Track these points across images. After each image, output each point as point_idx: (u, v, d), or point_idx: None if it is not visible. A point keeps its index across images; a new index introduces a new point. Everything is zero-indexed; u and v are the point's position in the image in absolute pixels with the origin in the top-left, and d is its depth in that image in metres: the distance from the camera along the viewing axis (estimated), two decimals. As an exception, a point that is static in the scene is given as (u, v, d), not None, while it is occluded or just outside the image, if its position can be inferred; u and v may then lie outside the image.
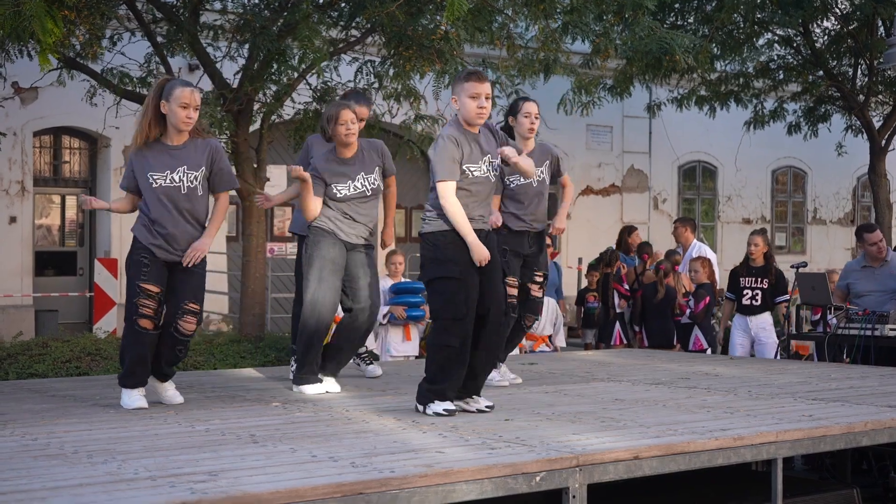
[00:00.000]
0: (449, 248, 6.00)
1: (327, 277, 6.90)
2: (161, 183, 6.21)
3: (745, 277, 11.13)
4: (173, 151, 6.25)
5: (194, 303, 6.29)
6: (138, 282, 6.21)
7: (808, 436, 5.68)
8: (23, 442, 5.06)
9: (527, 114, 7.36)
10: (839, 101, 18.57)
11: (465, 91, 6.07)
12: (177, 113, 6.19)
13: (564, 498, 4.79)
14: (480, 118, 6.10)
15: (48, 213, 17.62)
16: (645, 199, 22.33)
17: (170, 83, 6.31)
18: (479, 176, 6.11)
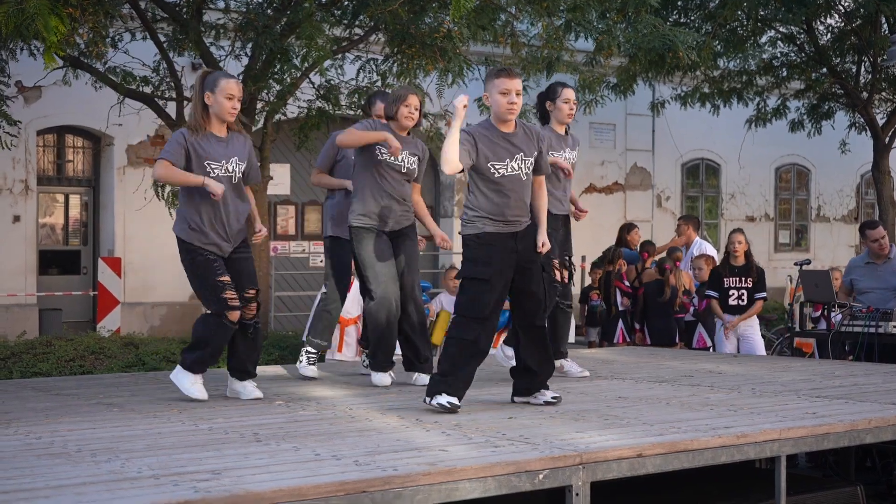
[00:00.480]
0: (483, 250, 6.06)
1: (381, 271, 7.03)
2: (219, 173, 6.29)
3: (729, 277, 11.00)
4: (224, 142, 6.35)
5: (252, 288, 6.46)
6: (217, 277, 6.29)
7: (812, 433, 5.68)
8: (26, 441, 5.07)
9: (566, 99, 7.41)
10: (843, 99, 18.56)
11: (495, 87, 6.11)
12: (223, 104, 6.28)
13: (568, 496, 4.79)
14: (511, 113, 6.12)
15: (52, 211, 17.63)
16: (648, 197, 22.32)
17: (212, 75, 6.40)
18: (507, 174, 6.11)
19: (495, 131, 6.15)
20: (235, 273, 6.39)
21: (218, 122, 6.36)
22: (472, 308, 6.06)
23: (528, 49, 13.28)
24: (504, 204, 6.10)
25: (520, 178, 6.16)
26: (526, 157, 6.19)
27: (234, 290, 6.32)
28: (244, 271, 6.44)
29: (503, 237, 6.10)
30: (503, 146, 6.13)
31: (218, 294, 6.29)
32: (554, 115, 7.41)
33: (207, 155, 6.28)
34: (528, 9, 12.17)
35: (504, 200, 6.11)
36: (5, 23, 8.41)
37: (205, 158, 6.27)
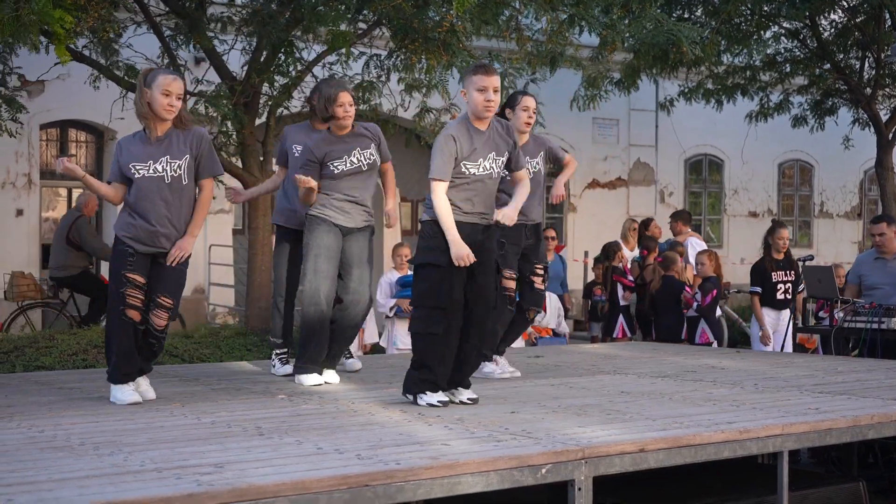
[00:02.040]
0: (441, 238, 6.02)
1: (323, 266, 6.90)
2: (144, 173, 6.14)
3: (776, 271, 11.14)
4: (160, 141, 6.19)
5: (167, 297, 6.19)
6: (124, 271, 6.14)
7: (815, 429, 5.68)
8: (29, 434, 5.07)
9: (525, 107, 7.37)
10: (846, 94, 18.52)
11: (473, 84, 6.10)
12: (158, 100, 6.10)
13: (570, 490, 4.79)
14: (488, 111, 6.12)
15: (55, 206, 17.64)
16: (651, 193, 22.31)
17: (152, 71, 6.25)
18: (479, 174, 6.13)
19: (472, 129, 6.14)
20: (156, 276, 6.20)
21: (157, 120, 6.17)
22: (430, 297, 6.02)
23: (532, 43, 13.27)
24: (474, 200, 6.13)
25: (491, 176, 6.19)
26: (497, 156, 6.21)
27: (139, 290, 6.12)
28: (167, 278, 6.20)
29: (465, 226, 6.06)
30: (478, 146, 6.13)
31: (118, 288, 6.13)
32: (513, 123, 7.38)
33: (132, 157, 6.15)
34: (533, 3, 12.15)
35: (473, 196, 6.13)
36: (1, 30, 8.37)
37: (128, 161, 6.16)
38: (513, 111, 7.38)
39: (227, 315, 17.27)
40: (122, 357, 6.16)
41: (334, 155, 6.95)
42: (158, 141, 6.20)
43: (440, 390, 6.05)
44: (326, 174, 6.95)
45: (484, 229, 6.19)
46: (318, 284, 6.88)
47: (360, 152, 7.02)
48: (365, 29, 12.63)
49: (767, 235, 11.50)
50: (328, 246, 6.91)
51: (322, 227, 6.92)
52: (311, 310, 6.89)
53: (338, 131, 7.02)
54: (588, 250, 16.76)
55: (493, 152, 6.19)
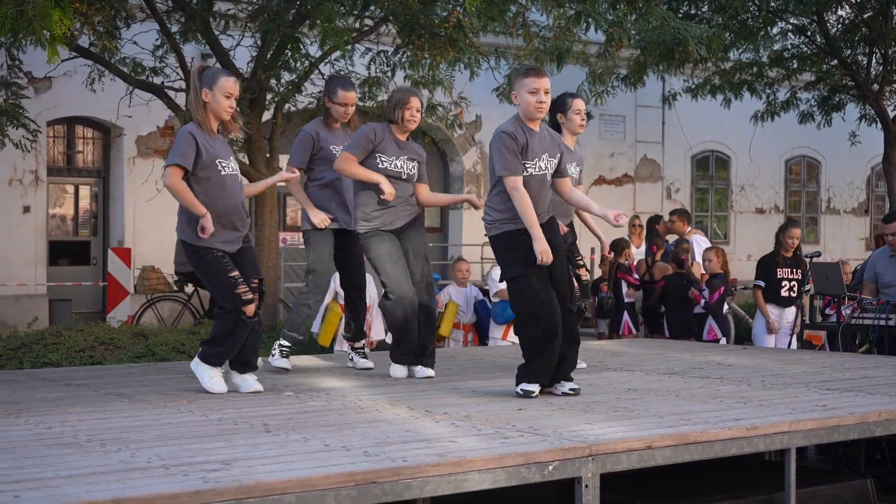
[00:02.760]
0: (514, 248, 6.18)
1: (392, 269, 7.06)
2: (228, 171, 6.27)
3: (782, 268, 11.15)
4: (223, 140, 6.35)
5: (257, 278, 6.44)
6: (229, 273, 6.24)
7: (822, 426, 5.66)
8: (37, 430, 5.08)
9: (577, 110, 7.46)
10: (853, 91, 18.49)
11: (524, 87, 6.18)
12: (221, 102, 6.20)
13: (577, 487, 4.78)
14: (539, 112, 6.21)
15: (62, 202, 17.67)
16: (658, 189, 22.29)
17: (210, 71, 6.32)
18: (535, 174, 6.22)
19: (526, 130, 6.22)
20: (240, 264, 6.35)
21: (215, 121, 6.29)
22: (521, 306, 6.25)
23: (539, 40, 13.26)
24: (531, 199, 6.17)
25: (546, 177, 6.29)
26: (550, 157, 6.30)
27: (245, 284, 6.28)
28: (248, 261, 6.42)
29: (526, 231, 6.15)
30: (533, 145, 6.21)
31: (231, 290, 6.25)
32: (566, 127, 7.41)
33: (217, 153, 6.22)
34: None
35: (532, 197, 6.18)
36: (2, 26, 8.38)
37: (215, 157, 6.21)
38: (565, 115, 7.41)
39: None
40: (231, 350, 6.35)
41: (387, 150, 7.04)
42: (223, 139, 6.36)
43: (537, 383, 6.26)
44: (370, 164, 7.02)
45: (548, 228, 6.25)
46: (398, 287, 7.04)
47: (406, 161, 7.12)
48: (371, 25, 12.63)
49: (779, 232, 11.49)
50: (388, 250, 7.07)
51: (374, 237, 7.08)
52: (398, 313, 7.06)
53: (399, 134, 7.11)
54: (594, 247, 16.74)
55: (547, 153, 6.28)
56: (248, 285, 6.30)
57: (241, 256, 6.38)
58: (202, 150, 6.16)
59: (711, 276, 11.71)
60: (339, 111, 7.46)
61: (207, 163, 6.18)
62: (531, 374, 6.26)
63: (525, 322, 6.28)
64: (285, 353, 7.54)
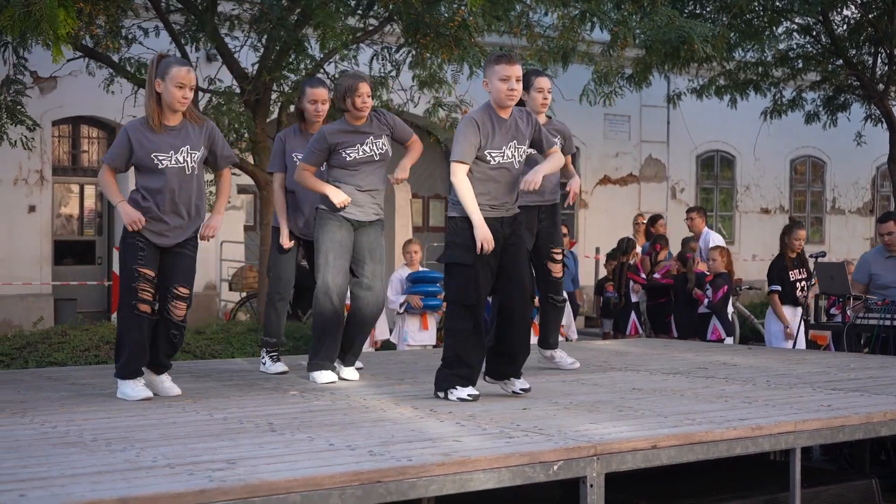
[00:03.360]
0: (468, 234, 6.04)
1: (335, 261, 6.88)
2: (167, 164, 6.09)
3: (793, 269, 11.21)
4: (173, 132, 6.12)
5: (184, 287, 6.19)
6: (136, 266, 6.09)
7: (827, 426, 5.66)
8: (42, 430, 5.08)
9: (539, 89, 7.30)
10: (858, 90, 18.47)
11: (495, 74, 6.12)
12: (172, 93, 6.03)
13: (582, 487, 4.78)
14: (511, 100, 6.13)
15: (67, 202, 17.69)
16: (663, 189, 22.28)
17: (165, 60, 6.13)
18: (503, 162, 6.15)
19: (495, 118, 6.16)
20: (170, 267, 6.18)
21: (170, 112, 6.11)
22: (460, 294, 6.10)
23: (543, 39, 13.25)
24: (495, 190, 6.14)
25: (513, 165, 6.20)
26: (519, 144, 6.22)
27: (150, 284, 6.09)
28: (180, 267, 6.19)
29: (490, 221, 6.09)
30: (501, 134, 6.15)
31: (130, 283, 6.09)
32: (528, 105, 7.29)
33: (154, 147, 6.07)
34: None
35: (496, 187, 6.14)
36: (11, 27, 8.40)
37: (150, 151, 6.07)
38: (527, 93, 7.28)
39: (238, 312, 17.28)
40: (133, 352, 6.13)
41: (347, 143, 6.93)
42: (174, 131, 6.14)
43: (470, 385, 6.08)
44: (337, 162, 6.93)
45: (510, 221, 6.21)
46: (331, 279, 6.86)
47: (372, 142, 6.98)
48: (376, 25, 12.63)
49: (784, 234, 11.49)
50: (340, 241, 6.89)
51: (333, 221, 6.89)
52: (325, 305, 6.87)
53: (353, 121, 6.99)
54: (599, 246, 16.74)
55: (515, 140, 6.19)
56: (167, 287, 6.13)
57: (174, 258, 6.19)
58: (135, 145, 6.08)
59: (715, 276, 11.71)
60: (309, 110, 7.41)
61: (142, 158, 6.09)
62: (462, 378, 6.09)
63: (459, 312, 6.11)
64: (276, 358, 7.53)
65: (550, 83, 7.40)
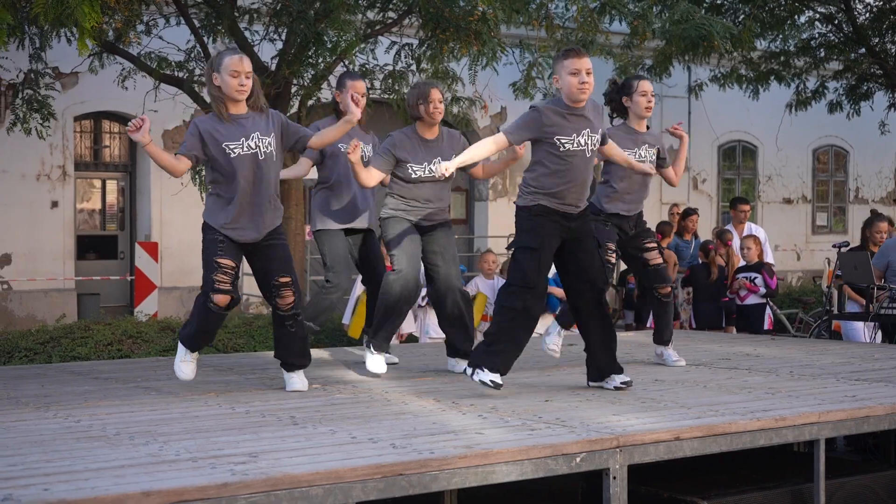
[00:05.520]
0: (534, 220, 6.07)
1: (406, 246, 6.87)
2: (238, 152, 6.00)
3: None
4: (242, 120, 6.05)
5: (284, 276, 6.14)
6: (215, 257, 6.05)
7: (852, 416, 5.63)
8: (66, 424, 5.11)
9: (643, 92, 7.25)
10: (882, 79, 18.35)
11: (565, 68, 6.04)
12: (228, 83, 5.98)
13: (605, 479, 4.77)
14: (583, 93, 6.04)
15: (89, 197, 17.77)
16: (684, 180, 22.19)
17: (218, 55, 6.13)
18: (574, 149, 6.05)
19: (564, 109, 6.08)
20: (266, 260, 6.15)
21: (233, 104, 6.05)
22: (518, 276, 6.07)
23: (562, 31, 13.22)
24: (565, 185, 6.08)
25: (585, 154, 6.11)
26: (592, 132, 6.13)
27: (229, 274, 6.06)
28: (276, 257, 6.15)
29: (554, 211, 6.09)
30: (572, 122, 6.07)
31: (209, 273, 6.06)
32: (632, 110, 7.23)
33: (223, 137, 6.00)
34: (563, -9, 12.12)
35: (565, 180, 6.07)
36: (45, 13, 8.45)
37: (221, 141, 6.00)
38: (630, 98, 7.24)
39: (260, 305, 17.33)
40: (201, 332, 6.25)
41: (415, 159, 6.86)
42: (243, 119, 6.06)
43: (499, 372, 6.02)
44: (401, 175, 6.89)
45: (573, 216, 6.18)
46: (405, 265, 6.85)
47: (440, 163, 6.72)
48: (395, 18, 12.62)
49: (865, 227, 11.25)
50: (407, 233, 6.89)
51: (397, 221, 6.90)
52: (396, 287, 6.84)
53: (425, 132, 6.92)
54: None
55: (588, 129, 6.12)
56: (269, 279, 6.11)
57: (268, 251, 6.15)
58: (205, 137, 6.00)
59: (759, 264, 11.58)
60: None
61: (213, 148, 6.01)
62: (495, 359, 6.03)
63: (515, 292, 6.05)
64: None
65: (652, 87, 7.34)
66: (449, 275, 7.01)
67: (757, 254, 11.64)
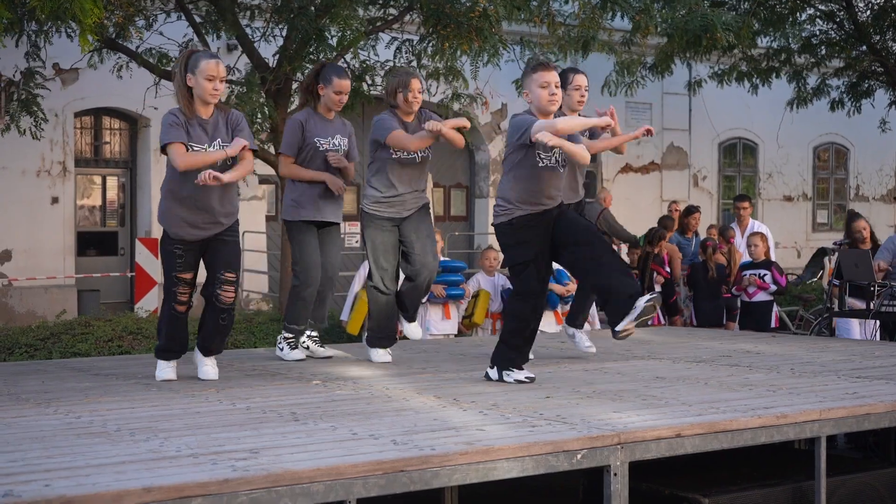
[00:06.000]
0: (517, 234, 6.25)
1: (383, 262, 7.19)
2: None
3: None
4: (206, 125, 6.20)
5: (230, 272, 6.34)
6: (174, 273, 6.35)
7: (853, 414, 5.62)
8: (66, 420, 5.10)
9: (577, 86, 7.26)
10: (883, 77, 18.34)
11: (534, 82, 6.18)
12: (203, 86, 6.12)
13: (606, 476, 4.77)
14: (553, 105, 6.20)
15: (89, 193, 17.76)
16: (685, 177, 22.19)
17: (194, 55, 6.22)
18: (549, 164, 6.22)
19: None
20: (214, 255, 6.31)
21: (202, 105, 6.19)
22: (522, 288, 6.37)
23: (563, 28, 13.21)
24: (538, 190, 6.22)
25: (557, 168, 6.26)
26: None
27: (189, 285, 6.34)
28: (224, 253, 6.32)
29: (533, 216, 6.24)
30: None
31: (170, 287, 6.38)
32: (565, 103, 7.28)
33: (190, 138, 6.13)
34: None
35: (544, 186, 6.22)
36: (42, 7, 8.45)
37: (187, 142, 6.13)
38: (565, 91, 7.27)
39: (260, 301, 17.34)
40: (171, 340, 6.49)
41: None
42: (208, 124, 6.21)
43: (524, 368, 6.39)
44: (383, 156, 7.05)
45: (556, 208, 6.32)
46: (384, 282, 7.23)
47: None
48: (396, 14, 12.61)
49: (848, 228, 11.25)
50: (383, 241, 7.16)
51: (374, 223, 7.14)
52: (382, 301, 7.28)
53: (404, 117, 7.11)
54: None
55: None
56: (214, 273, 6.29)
57: (217, 245, 6.32)
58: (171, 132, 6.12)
59: (767, 261, 11.56)
60: (334, 99, 7.35)
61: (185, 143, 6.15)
62: (518, 359, 6.39)
63: (521, 299, 6.38)
64: (293, 345, 7.50)
65: (587, 80, 7.38)
66: (425, 251, 7.23)
67: (764, 251, 11.62)
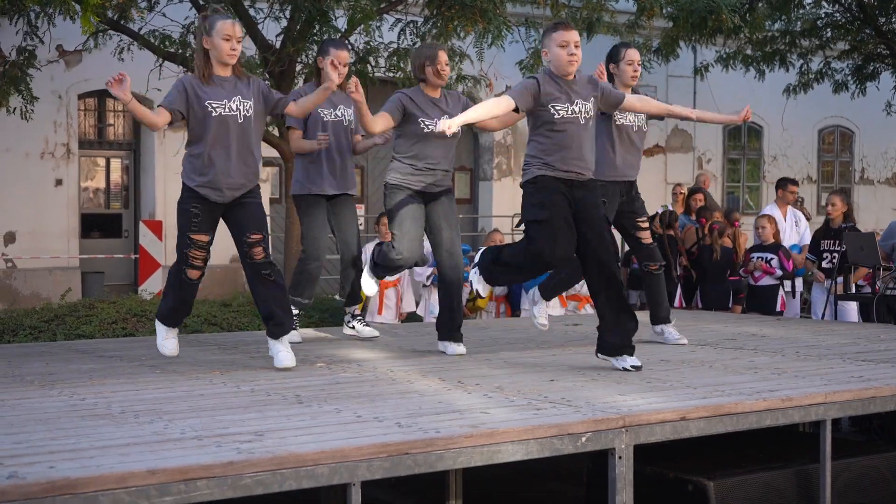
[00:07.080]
0: (539, 195, 6.13)
1: (409, 229, 6.96)
2: (220, 112, 6.13)
3: (824, 240, 10.94)
4: (225, 83, 6.20)
5: (256, 233, 6.25)
6: (189, 233, 6.23)
7: (858, 397, 5.62)
8: (71, 402, 5.10)
9: (630, 61, 7.23)
10: (888, 59, 18.27)
11: (553, 41, 6.13)
12: (220, 46, 6.13)
13: (610, 459, 4.76)
14: (572, 65, 6.13)
15: (93, 175, 17.75)
16: (689, 160, 22.14)
17: (210, 18, 6.24)
18: (568, 116, 6.13)
19: (557, 78, 6.17)
20: (240, 217, 6.27)
21: (220, 66, 6.19)
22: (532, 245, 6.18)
23: (567, 10, 13.16)
24: (563, 152, 6.13)
25: (579, 121, 6.17)
26: (585, 101, 6.20)
27: (203, 249, 6.24)
28: (249, 215, 6.28)
29: (557, 180, 6.14)
30: (566, 91, 6.15)
31: (182, 248, 6.26)
32: (618, 78, 7.23)
33: (207, 95, 6.14)
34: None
35: (563, 146, 6.13)
36: None
37: (205, 99, 6.13)
38: (617, 66, 7.23)
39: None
40: (177, 304, 6.42)
41: (425, 115, 6.91)
42: (226, 82, 6.20)
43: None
44: (414, 131, 6.91)
45: (582, 185, 6.21)
46: (405, 247, 6.94)
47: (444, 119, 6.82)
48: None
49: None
50: (411, 210, 6.95)
51: (400, 193, 6.95)
52: (397, 262, 7.00)
53: (431, 92, 6.99)
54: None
55: (581, 98, 6.19)
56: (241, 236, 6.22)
57: (242, 209, 6.28)
58: (190, 93, 6.14)
59: (776, 245, 11.49)
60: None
61: (197, 106, 6.14)
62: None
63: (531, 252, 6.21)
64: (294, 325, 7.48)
65: (639, 55, 7.33)
66: (453, 242, 7.08)
67: (772, 233, 11.53)
